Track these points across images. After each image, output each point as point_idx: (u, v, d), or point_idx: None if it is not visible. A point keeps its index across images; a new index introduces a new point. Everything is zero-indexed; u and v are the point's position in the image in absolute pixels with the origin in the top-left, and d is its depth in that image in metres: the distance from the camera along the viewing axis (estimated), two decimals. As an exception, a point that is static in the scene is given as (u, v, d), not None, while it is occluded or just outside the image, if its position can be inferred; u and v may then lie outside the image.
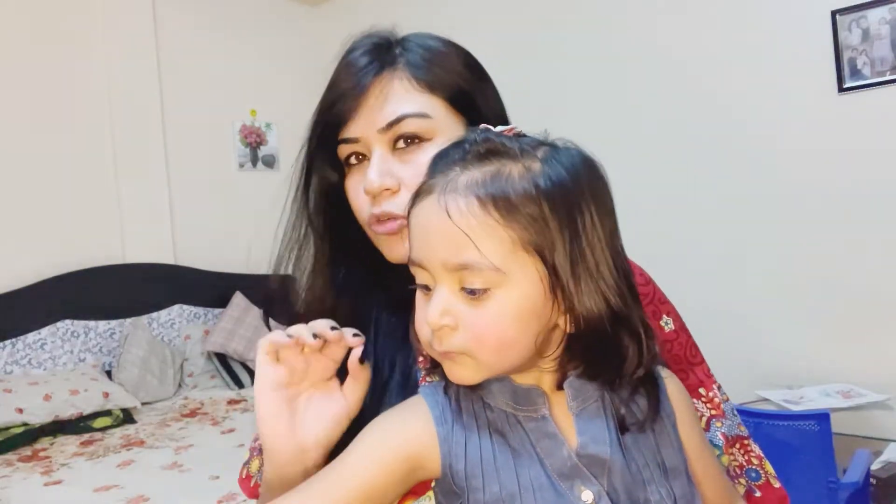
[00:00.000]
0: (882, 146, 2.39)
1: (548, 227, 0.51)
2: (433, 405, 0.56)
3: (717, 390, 0.75)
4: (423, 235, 0.54)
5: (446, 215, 0.51)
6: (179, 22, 3.64)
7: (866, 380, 2.34)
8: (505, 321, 0.51)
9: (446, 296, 0.52)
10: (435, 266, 0.52)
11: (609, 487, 0.53)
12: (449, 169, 0.54)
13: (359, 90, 0.68)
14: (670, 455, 0.57)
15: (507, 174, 0.52)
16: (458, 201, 0.51)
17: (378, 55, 0.70)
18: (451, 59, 0.72)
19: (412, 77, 0.69)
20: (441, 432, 0.55)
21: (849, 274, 2.48)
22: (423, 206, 0.54)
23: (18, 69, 3.09)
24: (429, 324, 0.52)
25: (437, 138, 0.69)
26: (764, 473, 0.73)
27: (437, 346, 0.53)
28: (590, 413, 0.55)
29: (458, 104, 0.71)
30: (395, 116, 0.68)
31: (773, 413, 2.01)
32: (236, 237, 3.69)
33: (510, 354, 0.53)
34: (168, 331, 3.42)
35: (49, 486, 2.10)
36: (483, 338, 0.52)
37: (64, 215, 3.18)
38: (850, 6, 2.42)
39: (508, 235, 0.51)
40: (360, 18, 3.30)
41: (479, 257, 0.50)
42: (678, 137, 2.80)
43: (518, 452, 0.54)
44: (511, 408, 0.55)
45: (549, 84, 3.16)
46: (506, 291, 0.51)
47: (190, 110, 3.65)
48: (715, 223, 2.76)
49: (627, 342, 0.54)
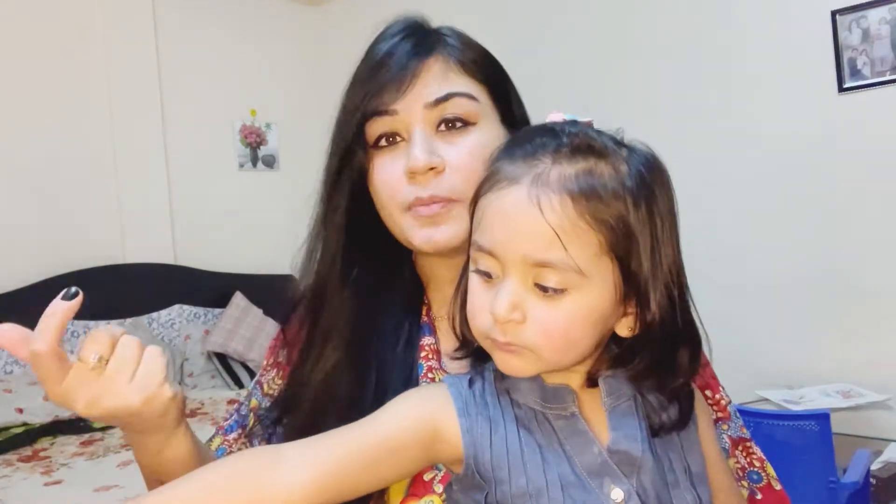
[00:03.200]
0: (882, 146, 2.39)
1: (632, 232, 0.50)
2: (456, 396, 0.56)
3: (722, 392, 0.75)
4: (503, 225, 0.51)
5: (538, 210, 0.49)
6: (179, 22, 3.63)
7: (866, 380, 2.34)
8: (576, 322, 0.51)
9: (517, 289, 0.51)
10: (512, 258, 0.51)
11: (638, 487, 0.52)
12: (537, 159, 0.52)
13: (407, 72, 0.66)
14: (696, 461, 0.57)
15: (598, 174, 0.51)
16: (550, 198, 0.49)
17: (419, 39, 0.69)
18: (486, 53, 0.72)
19: (458, 60, 0.68)
20: (464, 424, 0.54)
21: (849, 274, 2.48)
22: (508, 194, 0.51)
23: (18, 69, 3.08)
24: (496, 315, 0.51)
25: (481, 124, 0.67)
26: (765, 476, 0.73)
27: (499, 337, 0.52)
28: (622, 411, 0.55)
29: (497, 95, 0.70)
30: (445, 93, 0.66)
31: (773, 413, 2.01)
32: (236, 237, 3.70)
33: (572, 354, 0.52)
34: (168, 331, 3.42)
35: (49, 486, 2.09)
36: (552, 336, 0.51)
37: (64, 215, 3.18)
38: (850, 6, 2.42)
39: (597, 239, 0.50)
40: (361, 18, 3.36)
41: (566, 258, 0.49)
42: (678, 137, 2.79)
43: (545, 449, 0.53)
44: (539, 405, 0.55)
45: (550, 83, 3.16)
46: (582, 294, 0.50)
47: (190, 110, 3.64)
48: (714, 223, 2.76)
49: (682, 351, 0.54)
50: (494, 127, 0.69)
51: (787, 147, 2.58)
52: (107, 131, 3.35)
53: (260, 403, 0.80)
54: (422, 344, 0.73)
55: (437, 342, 0.74)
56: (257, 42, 3.93)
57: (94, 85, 3.32)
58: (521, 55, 3.26)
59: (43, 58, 3.16)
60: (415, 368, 0.71)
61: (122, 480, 2.09)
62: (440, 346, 0.73)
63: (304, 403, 0.70)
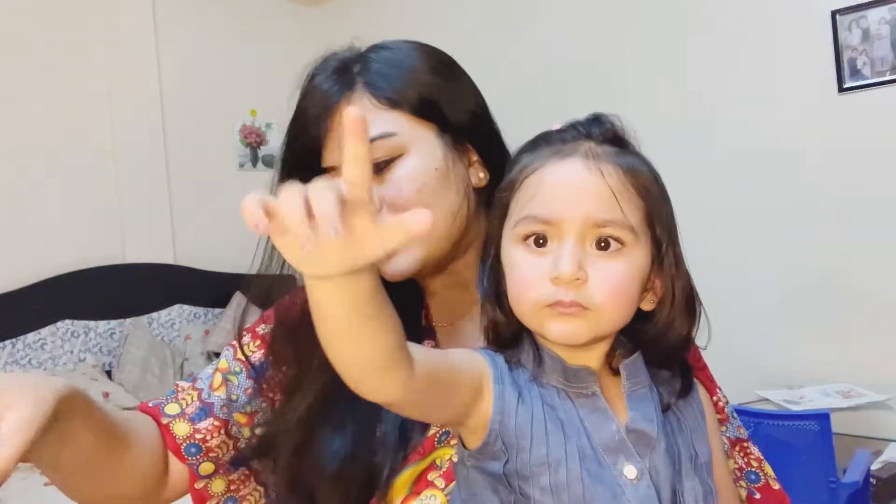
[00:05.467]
0: (882, 146, 2.39)
1: (664, 208, 0.59)
2: (492, 364, 0.58)
3: (720, 394, 0.75)
4: (565, 191, 0.57)
5: (600, 175, 0.56)
6: (179, 22, 3.63)
7: (866, 380, 2.34)
8: (632, 278, 0.56)
9: (578, 250, 0.55)
10: (575, 220, 0.55)
11: (651, 467, 0.55)
12: (578, 143, 0.59)
13: (321, 121, 0.69)
14: (703, 450, 0.59)
15: (633, 155, 0.59)
16: (606, 167, 0.57)
17: (336, 79, 0.71)
18: (413, 67, 0.72)
19: (372, 96, 0.70)
20: (497, 390, 0.56)
21: (849, 274, 2.48)
22: (564, 165, 0.58)
23: (19, 69, 3.08)
24: (564, 274, 0.54)
25: (408, 150, 0.69)
26: (763, 475, 0.73)
27: (565, 295, 0.54)
28: (640, 395, 0.58)
29: (424, 114, 0.71)
30: None
31: (773, 413, 2.01)
32: (236, 237, 3.69)
33: (624, 314, 0.57)
34: (168, 331, 3.42)
35: (49, 486, 2.07)
36: (614, 291, 0.55)
37: (64, 215, 3.18)
38: (850, 6, 2.42)
39: (642, 206, 0.57)
40: (360, 18, 3.36)
41: (622, 217, 0.55)
42: (677, 137, 2.79)
43: (566, 424, 0.56)
44: (562, 384, 0.57)
45: (551, 81, 3.16)
46: (634, 253, 0.56)
47: (190, 110, 3.64)
48: (714, 223, 2.76)
49: (683, 321, 0.59)
50: (425, 146, 0.71)
51: (787, 147, 2.58)
52: (107, 131, 3.35)
53: (230, 367, 0.80)
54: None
55: (438, 345, 0.75)
56: (257, 42, 3.93)
57: (94, 84, 3.31)
58: (521, 55, 3.27)
59: (43, 57, 3.15)
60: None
61: (122, 480, 2.09)
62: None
63: (301, 417, 0.71)
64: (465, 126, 0.73)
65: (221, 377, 0.79)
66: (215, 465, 0.76)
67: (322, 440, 0.70)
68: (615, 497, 0.53)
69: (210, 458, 0.75)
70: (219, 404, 0.77)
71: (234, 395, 0.78)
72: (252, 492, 0.78)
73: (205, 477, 0.75)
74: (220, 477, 0.76)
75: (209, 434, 0.75)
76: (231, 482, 0.77)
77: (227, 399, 0.77)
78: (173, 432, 0.74)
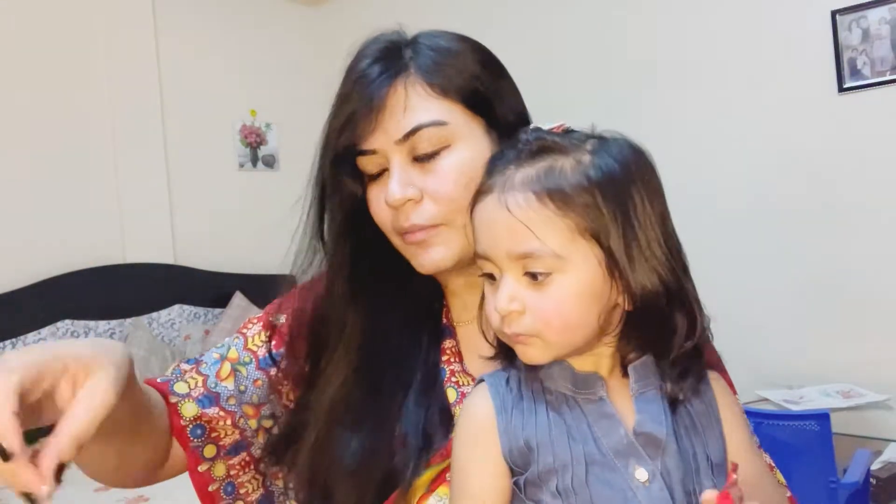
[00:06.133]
0: (882, 146, 2.39)
1: (601, 213, 0.55)
2: (494, 395, 0.60)
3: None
4: (487, 230, 0.58)
5: (507, 210, 0.56)
6: (179, 22, 3.63)
7: (866, 380, 2.34)
8: (568, 302, 0.55)
9: (512, 283, 0.56)
10: (500, 256, 0.57)
11: (663, 469, 0.55)
12: (505, 168, 0.58)
13: (373, 104, 0.67)
14: (716, 451, 0.59)
15: (559, 168, 0.56)
16: (516, 197, 0.56)
17: (388, 63, 0.69)
18: (464, 58, 0.70)
19: (425, 83, 0.68)
20: (501, 422, 0.58)
21: (849, 274, 2.48)
22: (484, 204, 0.59)
23: (19, 69, 3.08)
24: (498, 310, 0.56)
25: (457, 143, 0.68)
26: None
27: (506, 329, 0.57)
28: (649, 397, 0.58)
29: (474, 106, 0.70)
30: (412, 127, 0.67)
31: (773, 413, 2.01)
32: (236, 237, 3.69)
33: (575, 333, 0.57)
34: (168, 331, 3.42)
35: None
36: (549, 319, 0.55)
37: (64, 215, 3.17)
38: (850, 6, 2.42)
39: (566, 224, 0.55)
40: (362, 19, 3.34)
41: (540, 245, 0.55)
42: (677, 137, 2.79)
43: (573, 429, 0.56)
44: (570, 391, 0.58)
45: (554, 80, 3.16)
46: (566, 275, 0.55)
47: (190, 110, 3.64)
48: (714, 222, 2.76)
49: (679, 315, 0.57)
50: (474, 140, 0.69)
51: (786, 147, 2.58)
52: (107, 131, 3.35)
53: (240, 357, 0.79)
54: (443, 347, 0.74)
55: (458, 344, 0.75)
56: (257, 42, 3.93)
57: (94, 85, 3.31)
58: (519, 56, 3.27)
59: (43, 58, 3.15)
60: (438, 370, 0.72)
61: (123, 480, 2.09)
62: (461, 348, 0.75)
63: (319, 414, 0.70)
64: (511, 126, 0.70)
65: (230, 367, 0.78)
66: (216, 448, 0.75)
67: (340, 437, 0.69)
68: (626, 500, 0.54)
69: (212, 440, 0.74)
70: (226, 395, 0.75)
71: (242, 387, 0.77)
72: (251, 479, 0.77)
73: (208, 459, 0.74)
74: (220, 461, 0.75)
75: (215, 420, 0.74)
76: (231, 467, 0.76)
77: (235, 390, 0.76)
78: (181, 412, 0.73)
